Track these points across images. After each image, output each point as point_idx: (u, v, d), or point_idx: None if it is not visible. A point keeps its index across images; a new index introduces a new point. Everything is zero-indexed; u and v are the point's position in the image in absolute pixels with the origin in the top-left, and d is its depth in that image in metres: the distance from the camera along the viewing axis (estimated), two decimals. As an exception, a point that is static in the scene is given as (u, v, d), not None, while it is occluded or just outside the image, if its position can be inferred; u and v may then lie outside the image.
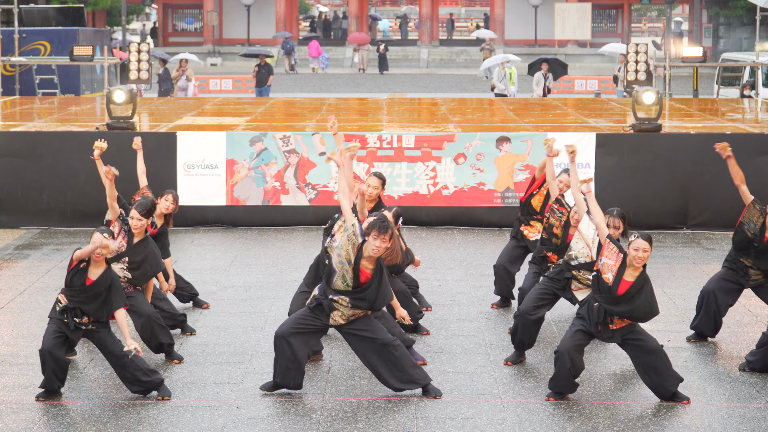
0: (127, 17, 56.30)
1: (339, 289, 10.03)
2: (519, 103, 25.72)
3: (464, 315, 13.09)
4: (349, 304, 10.04)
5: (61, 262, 15.61)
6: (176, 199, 12.45)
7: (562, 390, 10.18)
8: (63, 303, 10.06)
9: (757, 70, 30.00)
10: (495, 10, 66.48)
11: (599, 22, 70.60)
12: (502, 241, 17.42)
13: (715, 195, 18.17)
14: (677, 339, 12.14)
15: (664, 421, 9.73)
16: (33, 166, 18.21)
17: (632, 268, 10.01)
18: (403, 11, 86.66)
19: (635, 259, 9.94)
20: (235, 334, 12.29)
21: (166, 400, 10.11)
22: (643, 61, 19.54)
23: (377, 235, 9.86)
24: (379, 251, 9.90)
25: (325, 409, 9.93)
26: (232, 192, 18.33)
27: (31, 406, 10.01)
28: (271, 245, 17.13)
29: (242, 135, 18.45)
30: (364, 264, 9.98)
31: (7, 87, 26.55)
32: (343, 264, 9.96)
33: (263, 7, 67.30)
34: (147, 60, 19.73)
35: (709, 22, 70.17)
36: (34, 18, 35.18)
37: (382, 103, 25.57)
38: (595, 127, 19.45)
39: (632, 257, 9.95)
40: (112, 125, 18.42)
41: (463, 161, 18.35)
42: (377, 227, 9.88)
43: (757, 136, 18.45)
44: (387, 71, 59.07)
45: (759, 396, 10.36)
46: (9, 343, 11.89)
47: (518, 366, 11.19)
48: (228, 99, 28.73)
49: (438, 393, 10.22)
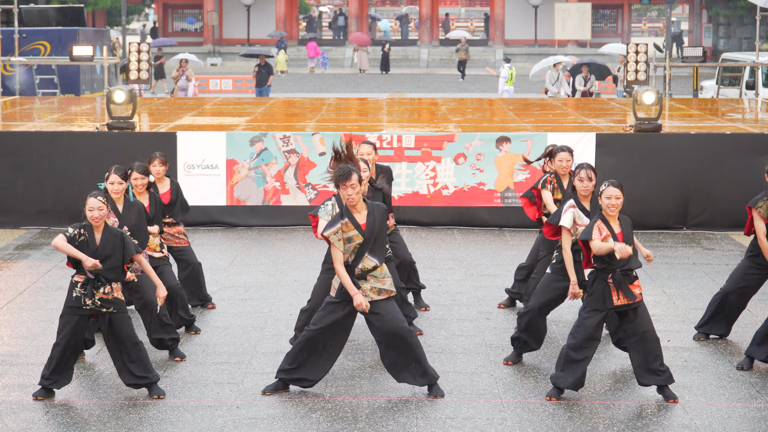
0: (127, 17, 56.30)
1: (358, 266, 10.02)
2: (519, 103, 25.73)
3: (464, 315, 13.09)
4: (370, 259, 9.99)
5: (60, 262, 15.61)
6: (163, 160, 12.58)
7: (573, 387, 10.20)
8: (81, 280, 10.05)
9: (757, 70, 30.01)
10: (495, 10, 66.49)
11: (599, 22, 70.64)
12: (502, 241, 17.44)
13: (715, 195, 18.18)
14: (677, 339, 12.14)
15: (664, 421, 9.73)
16: (33, 166, 18.22)
17: (612, 220, 10.00)
18: (403, 11, 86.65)
19: (609, 207, 9.96)
20: (235, 334, 12.29)
21: (161, 399, 10.11)
22: (643, 61, 19.54)
23: (344, 185, 9.86)
24: (353, 196, 9.88)
25: (325, 409, 9.93)
26: (232, 192, 18.33)
27: (31, 406, 10.01)
28: (271, 245, 17.14)
29: (242, 135, 18.46)
30: (355, 216, 9.99)
31: (7, 87, 26.55)
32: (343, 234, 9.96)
33: (263, 7, 67.32)
34: (147, 60, 19.73)
35: (709, 22, 70.22)
36: (34, 18, 35.21)
37: (382, 103, 25.58)
38: (595, 127, 19.45)
39: (605, 206, 9.97)
40: (112, 125, 18.43)
41: (463, 161, 18.35)
42: (338, 178, 9.88)
43: (757, 136, 18.46)
44: (388, 71, 59.07)
45: (759, 396, 10.36)
46: (9, 343, 11.90)
47: (518, 366, 11.19)
48: (228, 99, 28.73)
49: (441, 393, 10.22)
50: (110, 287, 10.07)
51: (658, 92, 18.44)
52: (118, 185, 11.10)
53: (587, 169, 10.83)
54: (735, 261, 15.98)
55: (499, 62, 60.28)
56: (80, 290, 10.01)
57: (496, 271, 15.40)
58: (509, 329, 12.49)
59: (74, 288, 10.08)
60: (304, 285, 14.47)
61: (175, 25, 71.05)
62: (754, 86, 30.56)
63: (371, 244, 9.99)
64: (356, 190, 9.89)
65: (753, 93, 30.28)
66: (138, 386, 10.20)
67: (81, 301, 10.01)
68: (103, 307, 10.05)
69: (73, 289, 10.09)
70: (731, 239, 17.57)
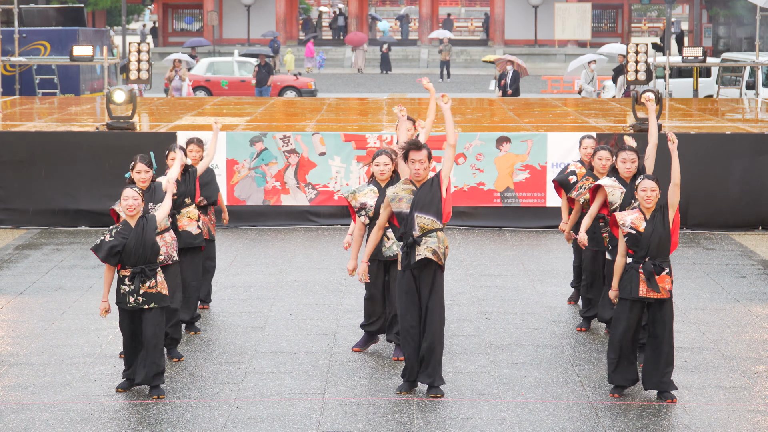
0: (127, 17, 56.31)
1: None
2: (519, 103, 25.73)
3: (464, 315, 13.09)
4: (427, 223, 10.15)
5: (61, 262, 15.62)
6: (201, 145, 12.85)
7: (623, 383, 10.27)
8: (126, 273, 10.22)
9: (757, 70, 30.00)
10: (495, 10, 66.44)
11: (599, 22, 70.57)
12: (502, 241, 17.44)
13: (715, 195, 18.18)
14: (677, 339, 12.09)
15: (664, 421, 9.73)
16: (33, 165, 18.21)
17: (647, 211, 10.29)
18: (403, 11, 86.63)
19: (645, 200, 10.27)
20: (235, 334, 12.29)
21: (162, 399, 10.12)
22: (643, 61, 19.54)
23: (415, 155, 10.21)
24: (420, 171, 10.22)
25: (325, 409, 9.93)
26: (232, 192, 18.33)
27: (31, 406, 10.01)
28: (271, 245, 17.14)
29: (242, 135, 18.46)
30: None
31: (7, 87, 26.55)
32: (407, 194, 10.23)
33: (263, 7, 67.27)
34: (147, 60, 19.73)
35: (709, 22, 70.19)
36: (34, 18, 35.19)
37: (382, 103, 25.57)
38: (595, 127, 19.45)
39: (641, 198, 10.30)
40: (112, 125, 18.43)
41: (463, 161, 18.35)
42: (410, 147, 10.22)
43: (757, 136, 18.46)
44: (389, 71, 59.02)
45: (759, 396, 10.36)
46: (9, 343, 11.90)
47: (518, 366, 11.18)
48: (228, 99, 28.72)
49: (441, 393, 10.23)
50: (155, 281, 10.24)
51: (658, 92, 18.44)
52: (145, 173, 11.18)
53: (629, 151, 11.13)
54: (735, 261, 16.00)
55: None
56: (128, 284, 10.20)
57: (496, 271, 15.40)
58: (509, 329, 12.50)
59: (122, 285, 10.26)
60: (304, 285, 14.47)
61: (175, 25, 71.01)
62: (754, 86, 30.56)
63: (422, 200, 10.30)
64: (424, 165, 10.21)
65: (753, 93, 30.27)
66: (136, 384, 10.27)
67: (125, 299, 10.23)
68: (146, 303, 10.22)
69: (121, 287, 10.27)
70: (731, 239, 17.57)
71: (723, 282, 14.80)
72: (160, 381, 10.26)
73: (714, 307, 13.39)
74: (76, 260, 15.85)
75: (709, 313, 13.22)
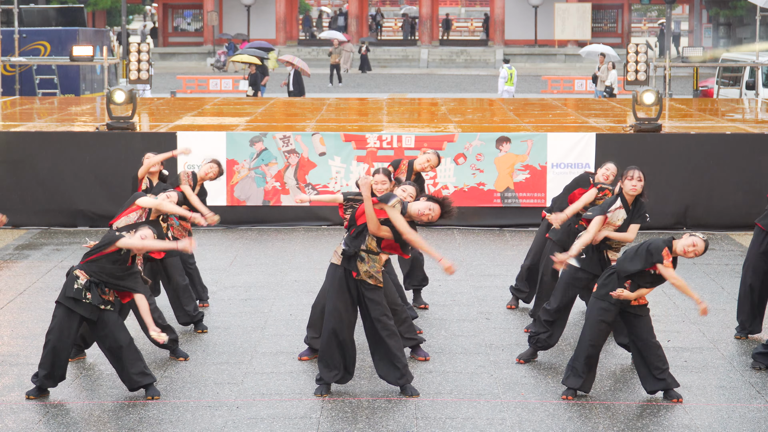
0: (127, 17, 56.31)
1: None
2: (519, 103, 25.73)
3: (464, 315, 13.09)
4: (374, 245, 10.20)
5: (61, 262, 15.62)
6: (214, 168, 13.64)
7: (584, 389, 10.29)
8: (83, 279, 10.03)
9: (757, 70, 30.00)
10: (495, 10, 66.45)
11: (599, 22, 70.58)
12: (502, 241, 17.45)
13: (715, 195, 18.18)
14: (677, 339, 12.14)
15: (664, 421, 9.74)
16: (33, 166, 18.22)
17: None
18: (402, 11, 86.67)
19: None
20: (235, 334, 12.30)
21: (156, 400, 10.10)
22: (642, 61, 19.54)
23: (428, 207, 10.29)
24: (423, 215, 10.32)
25: (325, 409, 9.93)
26: (232, 192, 18.33)
27: (31, 406, 10.01)
28: (271, 245, 17.14)
29: (242, 135, 18.46)
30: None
31: (7, 87, 26.55)
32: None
33: (263, 7, 67.29)
34: (147, 60, 19.73)
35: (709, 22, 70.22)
36: (34, 18, 35.21)
37: (382, 103, 25.57)
38: (595, 127, 19.45)
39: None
40: (112, 125, 18.43)
41: (463, 161, 18.35)
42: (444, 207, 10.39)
43: (757, 136, 18.46)
44: (368, 71, 59.06)
45: (759, 396, 10.37)
46: (9, 343, 11.90)
47: (518, 366, 11.19)
48: (228, 99, 28.73)
49: (415, 392, 10.24)
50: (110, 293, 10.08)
51: (658, 92, 18.44)
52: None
53: (635, 169, 10.96)
54: (735, 261, 15.99)
55: (499, 62, 60.29)
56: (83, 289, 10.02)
57: (496, 271, 15.40)
58: (509, 329, 12.50)
59: (76, 280, 10.05)
60: (304, 285, 14.47)
61: (175, 25, 71.03)
62: (754, 86, 30.55)
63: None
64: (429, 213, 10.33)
65: (753, 93, 30.27)
66: (135, 389, 10.20)
67: (84, 293, 10.05)
68: (103, 303, 10.05)
69: (75, 281, 10.04)
70: (731, 239, 17.57)
71: (723, 282, 14.81)
72: (147, 381, 10.13)
73: (714, 307, 13.38)
74: (76, 260, 15.81)
75: (709, 313, 13.20)
